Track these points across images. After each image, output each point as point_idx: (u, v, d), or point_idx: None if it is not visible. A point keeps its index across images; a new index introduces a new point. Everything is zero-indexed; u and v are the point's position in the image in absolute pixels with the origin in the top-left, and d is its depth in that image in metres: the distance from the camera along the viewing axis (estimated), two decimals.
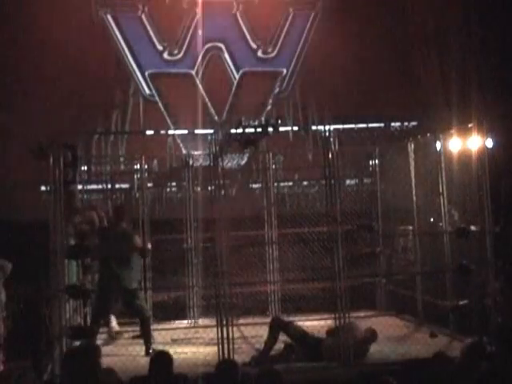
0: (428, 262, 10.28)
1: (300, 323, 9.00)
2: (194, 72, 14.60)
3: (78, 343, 8.20)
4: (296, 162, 13.46)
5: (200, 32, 14.61)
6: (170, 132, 14.12)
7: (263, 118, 12.74)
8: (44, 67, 13.32)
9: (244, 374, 5.54)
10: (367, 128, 13.49)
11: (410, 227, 10.67)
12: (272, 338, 8.61)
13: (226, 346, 8.13)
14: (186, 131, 13.97)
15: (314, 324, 9.50)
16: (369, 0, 14.29)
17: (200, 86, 14.54)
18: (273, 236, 11.31)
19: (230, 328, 8.19)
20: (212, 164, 8.52)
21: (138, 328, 9.74)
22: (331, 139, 8.73)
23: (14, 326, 9.46)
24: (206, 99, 14.45)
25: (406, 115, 13.42)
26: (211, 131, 12.10)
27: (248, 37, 14.80)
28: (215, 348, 8.41)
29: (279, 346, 8.66)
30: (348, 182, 12.90)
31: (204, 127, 13.84)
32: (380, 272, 11.24)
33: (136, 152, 12.89)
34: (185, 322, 11.09)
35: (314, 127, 14.26)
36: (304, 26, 14.89)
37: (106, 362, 6.84)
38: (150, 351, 9.10)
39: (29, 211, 12.10)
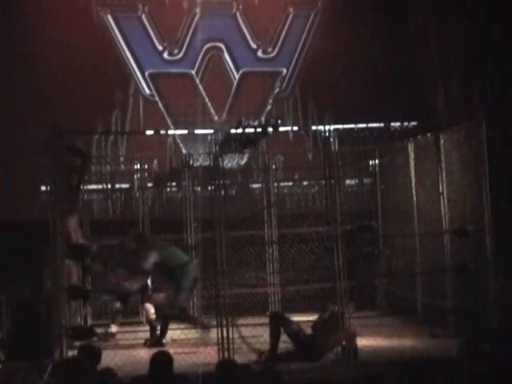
0: (428, 262, 10.28)
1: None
2: (194, 72, 14.59)
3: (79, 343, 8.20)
4: (296, 162, 13.46)
5: (200, 32, 14.59)
6: (170, 132, 14.11)
7: (263, 118, 12.75)
8: (44, 67, 13.31)
9: (244, 374, 5.53)
10: (367, 128, 13.47)
11: (410, 227, 10.67)
12: (275, 335, 8.64)
13: (226, 346, 8.13)
14: (185, 131, 13.95)
15: None
16: (369, 0, 14.29)
17: (200, 86, 14.53)
18: (273, 236, 11.32)
19: (230, 328, 8.20)
20: (212, 164, 8.52)
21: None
22: (331, 139, 8.73)
23: (14, 326, 9.46)
24: (206, 99, 14.44)
25: (406, 115, 13.41)
26: (211, 131, 12.08)
27: (248, 37, 14.79)
28: (215, 348, 8.42)
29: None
30: (348, 181, 12.90)
31: (204, 127, 13.82)
32: (380, 272, 11.25)
33: (136, 152, 12.91)
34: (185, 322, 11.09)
35: (314, 127, 14.25)
36: (304, 26, 14.87)
37: (106, 362, 6.84)
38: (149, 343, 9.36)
39: (29, 211, 12.09)
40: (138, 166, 12.15)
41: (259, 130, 8.56)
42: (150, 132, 13.60)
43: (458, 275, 9.15)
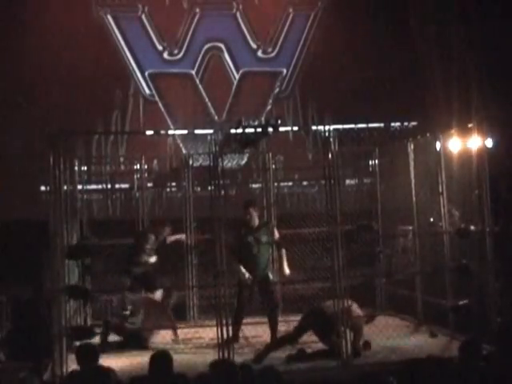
0: (428, 261, 10.28)
1: None
2: (194, 72, 14.59)
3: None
4: (296, 162, 13.46)
5: (200, 32, 14.60)
6: (170, 132, 14.11)
7: (263, 118, 12.75)
8: (43, 67, 13.32)
9: (244, 374, 5.53)
10: (367, 128, 13.47)
11: (410, 227, 10.66)
12: (278, 346, 8.67)
13: (225, 345, 8.13)
14: (185, 131, 13.96)
15: None
16: (369, 0, 14.29)
17: (200, 86, 14.53)
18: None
19: (230, 328, 8.20)
20: (212, 164, 8.52)
21: None
22: (331, 139, 8.73)
23: (14, 326, 9.47)
24: (206, 99, 14.45)
25: (406, 115, 13.41)
26: (211, 131, 12.10)
27: (248, 37, 14.80)
28: (215, 348, 8.42)
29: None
30: (348, 181, 12.90)
31: (204, 127, 13.83)
32: (380, 272, 11.23)
33: (136, 152, 12.91)
34: (185, 322, 11.09)
35: (314, 127, 14.25)
36: (304, 26, 14.89)
37: (105, 362, 6.84)
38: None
39: (29, 211, 12.10)
40: (138, 166, 12.14)
41: (259, 129, 8.56)
42: (149, 132, 13.61)
43: (458, 275, 9.14)
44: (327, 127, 9.00)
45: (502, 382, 5.39)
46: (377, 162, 11.58)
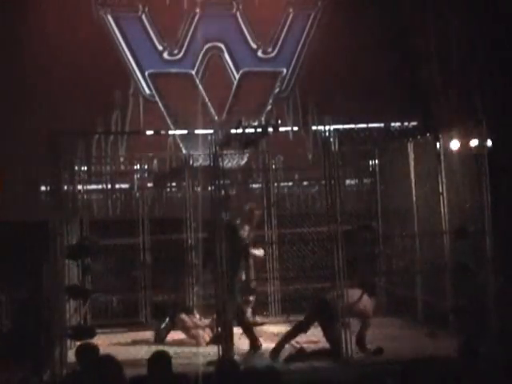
0: (428, 262, 10.28)
1: None
2: (194, 72, 14.58)
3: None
4: (296, 162, 13.46)
5: (200, 32, 14.59)
6: (170, 132, 14.10)
7: (263, 118, 12.75)
8: (43, 67, 13.30)
9: (244, 374, 5.53)
10: (367, 128, 13.46)
11: (410, 227, 10.67)
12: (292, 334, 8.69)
13: (226, 345, 8.14)
14: (185, 131, 13.94)
15: None
16: (369, 0, 14.28)
17: (200, 86, 14.53)
18: (273, 236, 11.33)
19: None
20: (212, 164, 8.53)
21: None
22: (331, 139, 8.74)
23: (14, 326, 9.48)
24: (206, 99, 14.44)
25: (406, 115, 13.39)
26: (211, 131, 12.08)
27: (248, 37, 14.78)
28: (215, 348, 8.43)
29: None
30: (348, 181, 12.90)
31: (204, 127, 13.82)
32: (380, 272, 11.24)
33: (136, 152, 12.91)
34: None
35: (314, 127, 14.24)
36: (304, 26, 14.87)
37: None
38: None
39: (29, 211, 12.09)
40: (138, 166, 12.15)
41: (259, 130, 8.58)
42: (150, 132, 13.60)
43: (458, 275, 9.15)
44: (327, 127, 9.01)
45: (502, 381, 5.39)
46: (377, 162, 11.60)
